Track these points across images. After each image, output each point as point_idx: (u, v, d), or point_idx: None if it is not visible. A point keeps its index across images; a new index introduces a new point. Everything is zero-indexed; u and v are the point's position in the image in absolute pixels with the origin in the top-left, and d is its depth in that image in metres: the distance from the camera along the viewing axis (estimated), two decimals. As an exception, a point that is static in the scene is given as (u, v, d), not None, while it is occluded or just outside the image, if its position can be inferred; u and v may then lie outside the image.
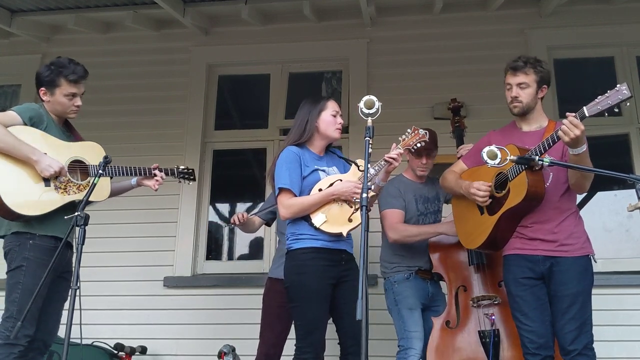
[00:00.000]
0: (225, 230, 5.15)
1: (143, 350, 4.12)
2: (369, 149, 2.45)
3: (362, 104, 2.57)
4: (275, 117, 4.85)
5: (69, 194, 3.00)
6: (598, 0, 4.64)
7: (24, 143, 2.90)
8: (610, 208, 4.55)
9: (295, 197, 2.90)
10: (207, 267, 4.65)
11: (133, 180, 3.36)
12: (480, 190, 2.92)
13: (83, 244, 2.61)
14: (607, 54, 4.67)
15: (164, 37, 5.05)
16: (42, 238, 2.92)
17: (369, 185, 2.48)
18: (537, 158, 2.66)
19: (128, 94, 4.93)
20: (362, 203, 2.28)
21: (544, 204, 2.84)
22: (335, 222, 2.88)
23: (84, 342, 2.87)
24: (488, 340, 3.14)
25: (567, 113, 2.61)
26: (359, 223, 2.55)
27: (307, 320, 2.84)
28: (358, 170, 2.98)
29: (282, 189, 2.91)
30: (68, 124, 3.22)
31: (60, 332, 2.84)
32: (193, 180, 3.56)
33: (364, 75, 4.70)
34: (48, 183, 2.96)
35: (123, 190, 3.39)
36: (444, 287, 3.50)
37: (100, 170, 2.91)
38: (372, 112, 2.55)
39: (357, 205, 2.84)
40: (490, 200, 2.93)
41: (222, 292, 4.42)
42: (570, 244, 2.84)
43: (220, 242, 5.24)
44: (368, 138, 2.47)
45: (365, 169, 2.45)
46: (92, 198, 2.83)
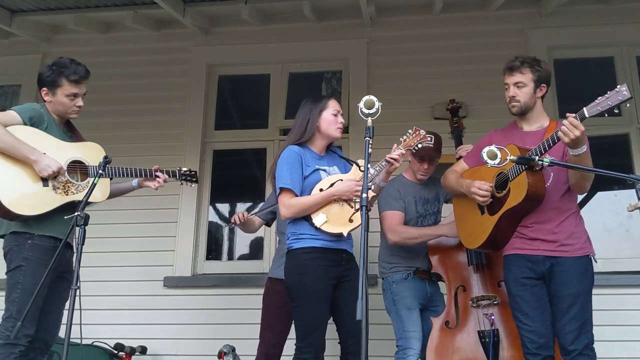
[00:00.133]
0: (225, 230, 5.15)
1: (143, 350, 4.12)
2: (369, 149, 2.45)
3: (362, 104, 2.56)
4: (275, 117, 4.84)
5: (68, 195, 2.99)
6: (598, 0, 4.64)
7: (23, 143, 2.90)
8: (610, 208, 4.55)
9: (297, 197, 2.90)
10: (207, 267, 4.64)
11: (134, 182, 3.35)
12: (481, 190, 2.91)
13: (83, 244, 2.60)
14: (607, 54, 4.66)
15: (164, 37, 5.05)
16: (40, 238, 2.91)
17: (369, 186, 2.47)
18: (537, 158, 2.66)
19: (128, 94, 4.93)
20: (362, 203, 2.28)
21: (545, 204, 2.84)
22: (336, 222, 2.88)
23: (84, 342, 2.86)
24: (487, 340, 3.14)
25: (567, 114, 2.61)
26: (360, 223, 2.55)
27: (307, 320, 2.83)
28: (359, 171, 2.97)
29: (283, 189, 2.91)
30: (70, 125, 3.22)
31: (61, 332, 2.84)
32: (195, 183, 3.53)
33: (364, 75, 4.70)
34: (46, 183, 2.95)
35: (124, 192, 3.38)
36: (443, 287, 3.51)
37: (100, 171, 2.90)
38: (372, 112, 2.54)
39: (357, 206, 2.83)
40: (491, 200, 2.93)
41: (222, 292, 4.42)
42: (571, 244, 2.84)
43: (220, 242, 5.23)
44: (368, 138, 2.47)
45: (365, 169, 2.45)
46: (91, 199, 2.82)
